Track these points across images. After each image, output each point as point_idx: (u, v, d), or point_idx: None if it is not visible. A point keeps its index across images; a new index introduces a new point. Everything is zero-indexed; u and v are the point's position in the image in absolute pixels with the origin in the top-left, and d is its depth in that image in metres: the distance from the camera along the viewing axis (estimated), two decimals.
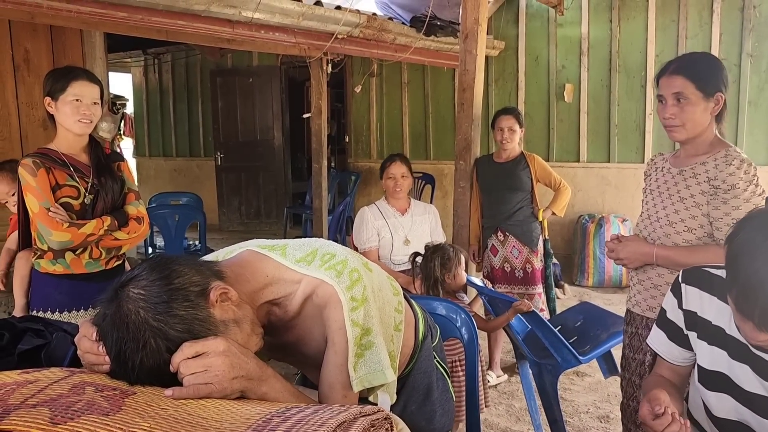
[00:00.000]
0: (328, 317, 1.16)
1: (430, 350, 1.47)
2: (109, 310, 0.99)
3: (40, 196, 2.19)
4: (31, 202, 2.20)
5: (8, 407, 0.80)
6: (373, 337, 1.16)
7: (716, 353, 1.34)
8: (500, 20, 6.39)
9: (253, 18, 3.72)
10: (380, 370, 1.16)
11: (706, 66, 1.87)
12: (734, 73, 5.36)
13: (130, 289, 0.99)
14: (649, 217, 2.01)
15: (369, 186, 7.53)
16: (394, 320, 1.28)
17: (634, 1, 5.77)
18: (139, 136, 9.67)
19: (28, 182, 2.20)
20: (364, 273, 1.20)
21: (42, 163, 2.24)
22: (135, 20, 3.35)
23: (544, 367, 2.70)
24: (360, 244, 3.40)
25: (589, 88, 6.07)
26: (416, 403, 1.41)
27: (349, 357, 1.14)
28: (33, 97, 5.06)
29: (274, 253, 1.23)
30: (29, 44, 5.00)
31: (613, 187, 6.00)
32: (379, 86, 7.40)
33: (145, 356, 0.95)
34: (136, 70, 9.45)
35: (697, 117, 1.85)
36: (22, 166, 2.24)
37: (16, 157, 2.81)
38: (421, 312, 1.48)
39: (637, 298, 2.03)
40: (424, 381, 1.43)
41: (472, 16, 3.60)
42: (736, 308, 1.15)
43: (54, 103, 2.25)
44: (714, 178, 1.81)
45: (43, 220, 2.18)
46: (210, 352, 0.96)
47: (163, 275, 1.01)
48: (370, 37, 4.60)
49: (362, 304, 1.15)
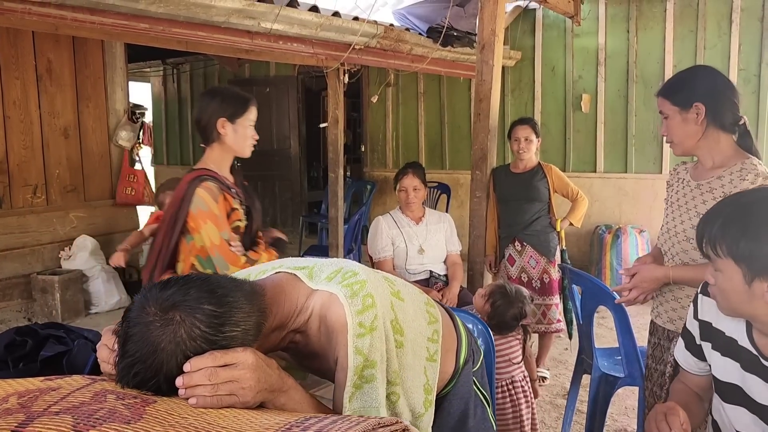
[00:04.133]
0: (338, 340, 1.12)
1: (470, 375, 1.42)
2: (154, 326, 0.93)
3: (221, 226, 2.07)
4: (211, 231, 2.04)
5: (32, 414, 0.81)
6: (375, 371, 1.09)
7: (729, 364, 1.34)
8: (517, 30, 6.38)
9: (272, 29, 3.76)
10: (375, 407, 1.09)
11: (680, 80, 1.92)
12: (753, 83, 5.31)
13: (184, 313, 0.94)
14: (668, 231, 2.00)
15: (385, 195, 7.54)
16: (428, 351, 1.23)
17: (651, 11, 5.74)
18: (158, 145, 9.77)
19: (211, 209, 2.06)
20: (387, 301, 1.14)
21: (219, 188, 2.13)
22: (156, 31, 3.40)
23: (606, 378, 2.63)
24: (375, 254, 3.41)
25: (606, 98, 6.03)
26: (449, 428, 1.35)
27: (346, 385, 1.09)
28: (55, 106, 5.15)
29: (302, 273, 1.19)
30: (52, 55, 5.10)
31: (630, 198, 5.95)
32: (396, 96, 7.42)
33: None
34: (155, 79, 9.57)
35: (680, 130, 1.89)
36: (205, 189, 2.08)
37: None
38: (465, 335, 1.42)
39: (659, 309, 2.04)
40: (460, 406, 1.38)
41: (489, 26, 3.61)
42: None
43: (230, 125, 2.23)
44: (730, 192, 1.79)
45: (223, 252, 2.04)
46: (239, 363, 0.94)
47: (218, 312, 0.96)
48: (387, 48, 4.62)
49: (369, 332, 1.09)
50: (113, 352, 1.00)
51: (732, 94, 1.87)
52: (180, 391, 0.92)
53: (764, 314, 1.22)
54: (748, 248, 1.19)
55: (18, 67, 4.83)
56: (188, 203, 2.07)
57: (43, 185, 5.10)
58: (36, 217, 5.05)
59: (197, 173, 2.18)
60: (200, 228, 2.05)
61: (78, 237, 5.20)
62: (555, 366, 3.84)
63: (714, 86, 1.87)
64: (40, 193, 5.08)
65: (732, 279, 1.23)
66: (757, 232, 1.19)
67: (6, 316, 4.77)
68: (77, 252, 5.11)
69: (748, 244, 1.20)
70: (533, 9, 6.31)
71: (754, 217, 1.21)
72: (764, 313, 1.22)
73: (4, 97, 4.76)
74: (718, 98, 1.84)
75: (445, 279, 3.47)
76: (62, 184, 5.27)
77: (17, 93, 4.84)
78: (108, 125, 5.67)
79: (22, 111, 4.89)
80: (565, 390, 3.50)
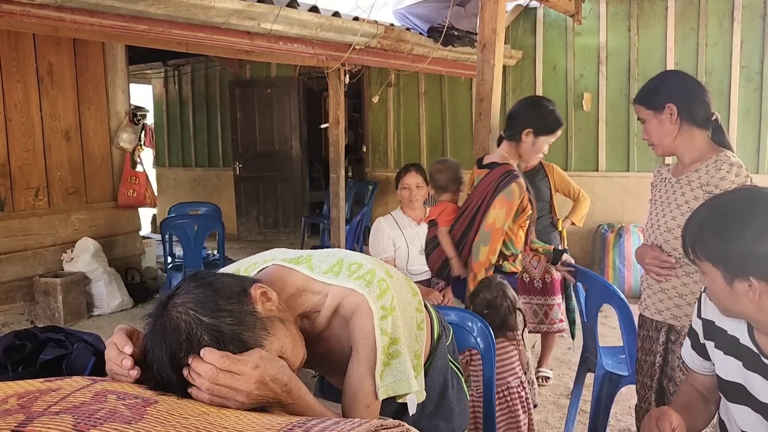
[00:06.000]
0: (354, 326, 1.18)
1: (445, 349, 1.48)
2: (158, 323, 1.00)
3: (508, 218, 2.47)
4: (499, 215, 2.46)
5: (32, 414, 0.81)
6: (400, 347, 1.18)
7: (731, 363, 1.34)
8: (518, 30, 6.38)
9: (272, 30, 3.76)
10: (405, 380, 1.17)
11: (652, 86, 2.06)
12: (756, 81, 5.30)
13: (175, 299, 1.01)
14: (652, 226, 2.11)
15: (386, 195, 7.54)
16: (416, 319, 1.30)
17: (652, 10, 5.73)
18: (159, 147, 9.78)
19: (512, 202, 2.47)
20: (389, 281, 1.21)
21: (525, 186, 2.54)
22: (156, 33, 3.40)
23: (609, 377, 2.64)
24: (376, 255, 3.39)
25: (608, 97, 6.03)
26: (433, 403, 1.42)
27: (376, 365, 1.15)
28: (56, 108, 5.16)
29: (300, 266, 1.24)
30: (53, 57, 5.10)
31: (632, 197, 5.94)
32: (397, 96, 7.42)
33: None
34: (156, 81, 9.58)
35: (657, 131, 2.04)
36: (518, 186, 2.49)
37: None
38: (434, 312, 1.50)
39: (647, 302, 2.12)
40: (439, 379, 1.44)
41: (490, 26, 3.60)
42: None
43: (532, 138, 2.57)
44: (707, 183, 1.92)
45: (495, 236, 2.47)
46: (244, 376, 0.96)
47: (204, 282, 1.03)
48: (388, 48, 4.62)
49: (390, 313, 1.17)
50: (121, 354, 1.02)
51: (701, 93, 1.99)
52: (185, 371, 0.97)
53: (753, 312, 1.22)
54: (721, 249, 1.21)
55: (19, 70, 4.83)
56: (501, 189, 2.49)
57: (44, 188, 5.11)
58: (38, 220, 5.05)
59: (509, 168, 2.56)
60: (495, 208, 2.48)
61: (80, 239, 5.21)
62: (558, 366, 3.83)
63: (683, 87, 2.00)
64: (41, 196, 5.08)
65: (715, 281, 1.25)
66: (727, 233, 1.20)
67: (8, 319, 4.77)
68: (79, 254, 5.12)
69: (720, 245, 1.21)
70: (534, 8, 6.30)
71: (724, 218, 1.23)
72: (753, 311, 1.22)
73: (5, 99, 4.76)
74: (688, 97, 1.97)
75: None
76: (64, 187, 5.27)
77: (18, 96, 4.85)
78: (109, 127, 5.67)
79: (23, 114, 4.89)
80: (568, 390, 3.49)
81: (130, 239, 5.90)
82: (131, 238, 5.91)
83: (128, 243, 5.86)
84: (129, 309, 5.24)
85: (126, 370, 1.00)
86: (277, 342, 1.05)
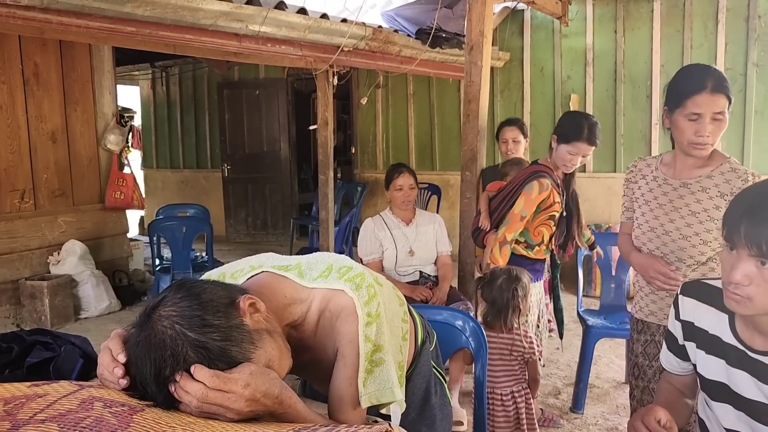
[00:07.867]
0: (339, 329, 1.16)
1: (429, 355, 1.48)
2: (142, 335, 0.97)
3: (526, 207, 2.75)
4: (520, 203, 2.76)
5: (17, 422, 0.80)
6: (383, 354, 1.16)
7: (714, 362, 1.35)
8: (505, 32, 6.41)
9: (260, 32, 3.75)
10: (389, 388, 1.16)
11: (719, 74, 1.86)
12: (740, 82, 5.35)
13: (160, 311, 0.98)
14: (654, 230, 2.01)
15: (375, 197, 7.54)
16: (401, 330, 1.29)
17: (638, 12, 5.78)
18: (147, 148, 9.72)
19: (531, 194, 2.75)
20: (377, 288, 1.21)
21: (551, 184, 2.77)
22: (143, 35, 3.38)
23: (592, 329, 3.25)
24: (364, 256, 3.40)
25: (595, 98, 6.07)
26: (416, 409, 1.41)
27: (359, 372, 1.14)
28: (42, 110, 5.11)
29: (290, 273, 1.23)
30: (39, 58, 5.06)
31: (619, 197, 5.91)
32: (385, 98, 7.43)
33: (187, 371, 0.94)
34: (143, 82, 9.52)
35: (725, 127, 1.84)
36: (539, 183, 2.74)
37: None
38: (418, 317, 1.49)
39: (641, 303, 2.10)
40: (422, 386, 1.43)
41: (477, 28, 3.62)
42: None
43: (556, 144, 2.77)
44: (728, 193, 1.83)
45: (512, 222, 2.76)
46: (234, 393, 0.94)
47: (190, 293, 1.00)
48: (376, 50, 4.62)
49: (375, 320, 1.16)
50: (114, 362, 1.00)
51: None
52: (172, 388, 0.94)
53: None
54: None
55: (4, 72, 4.78)
56: (525, 184, 2.79)
57: (30, 190, 5.06)
58: (24, 222, 5.00)
59: (538, 168, 2.83)
60: (518, 198, 2.79)
61: (67, 242, 5.16)
62: (546, 366, 3.85)
63: None
64: (28, 198, 5.04)
65: None
66: None
67: None
68: (66, 257, 5.07)
69: None
70: (521, 10, 6.33)
71: None
72: None
73: None
74: None
75: (435, 279, 3.47)
76: (50, 189, 5.23)
77: (4, 97, 4.80)
78: (96, 129, 5.63)
79: (8, 115, 4.85)
80: (557, 389, 3.51)
81: (118, 241, 5.86)
82: (119, 240, 5.87)
83: (116, 245, 5.82)
84: (116, 312, 5.21)
85: (116, 378, 0.99)
86: (265, 355, 1.03)
